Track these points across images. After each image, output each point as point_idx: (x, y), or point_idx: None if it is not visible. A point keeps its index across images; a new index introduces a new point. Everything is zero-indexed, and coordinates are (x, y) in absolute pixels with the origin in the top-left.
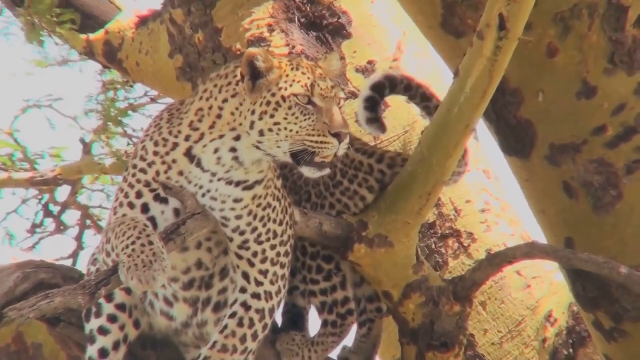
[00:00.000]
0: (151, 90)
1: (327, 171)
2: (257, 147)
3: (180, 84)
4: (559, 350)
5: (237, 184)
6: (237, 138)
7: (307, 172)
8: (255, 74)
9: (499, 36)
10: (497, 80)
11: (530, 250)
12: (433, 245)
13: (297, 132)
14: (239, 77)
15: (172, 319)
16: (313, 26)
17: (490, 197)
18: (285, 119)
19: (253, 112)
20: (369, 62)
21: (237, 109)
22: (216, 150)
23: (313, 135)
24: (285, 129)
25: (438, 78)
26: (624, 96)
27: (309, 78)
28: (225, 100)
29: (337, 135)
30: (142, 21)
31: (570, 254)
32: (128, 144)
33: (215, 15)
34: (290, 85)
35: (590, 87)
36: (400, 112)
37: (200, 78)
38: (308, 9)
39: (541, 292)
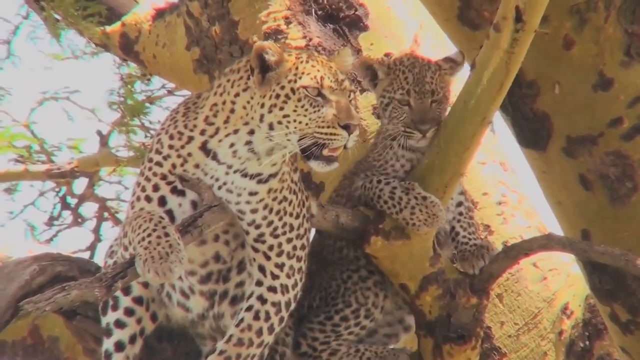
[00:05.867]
0: (169, 83)
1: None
2: (270, 140)
3: (197, 77)
4: (575, 343)
5: (252, 176)
6: (252, 132)
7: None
8: (265, 67)
9: (515, 28)
10: (514, 73)
11: (546, 243)
12: None
13: (306, 124)
14: (250, 71)
15: (189, 311)
16: (330, 18)
17: (506, 189)
18: (295, 111)
19: (263, 106)
20: (386, 55)
21: (248, 102)
22: (232, 145)
23: (322, 127)
24: (295, 121)
25: None
26: None
27: (318, 71)
28: (237, 95)
29: (347, 128)
30: (159, 14)
31: (587, 246)
32: (146, 137)
33: (232, 7)
34: (300, 78)
35: (606, 80)
36: None
37: (217, 71)
38: (325, 1)
39: (558, 284)
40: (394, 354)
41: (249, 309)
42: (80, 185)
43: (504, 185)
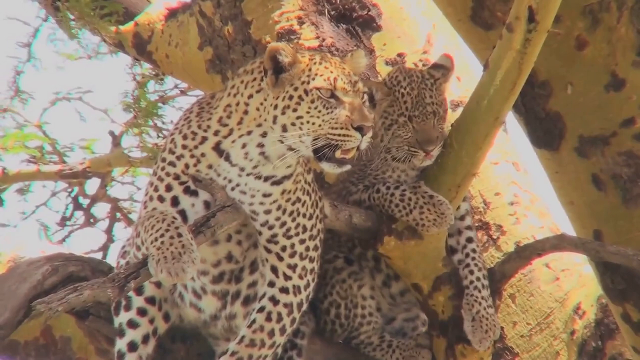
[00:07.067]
0: (182, 83)
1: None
2: (282, 142)
3: (210, 77)
4: (587, 343)
5: (266, 179)
6: (264, 134)
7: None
8: (278, 69)
9: (528, 29)
10: (527, 73)
11: (559, 243)
12: None
13: (319, 125)
14: (263, 72)
15: (201, 311)
16: (343, 19)
17: (519, 189)
18: (308, 112)
19: (276, 107)
20: (399, 55)
21: (261, 104)
22: (244, 146)
23: (336, 128)
24: (308, 122)
25: (468, 70)
26: None
27: (332, 72)
28: (250, 96)
29: (360, 129)
30: (172, 13)
31: (599, 247)
32: (158, 137)
33: (245, 7)
34: (313, 79)
35: (618, 80)
36: None
37: (230, 71)
38: (338, 2)
39: (570, 284)
40: (418, 352)
41: (261, 310)
42: (92, 185)
43: (517, 185)
